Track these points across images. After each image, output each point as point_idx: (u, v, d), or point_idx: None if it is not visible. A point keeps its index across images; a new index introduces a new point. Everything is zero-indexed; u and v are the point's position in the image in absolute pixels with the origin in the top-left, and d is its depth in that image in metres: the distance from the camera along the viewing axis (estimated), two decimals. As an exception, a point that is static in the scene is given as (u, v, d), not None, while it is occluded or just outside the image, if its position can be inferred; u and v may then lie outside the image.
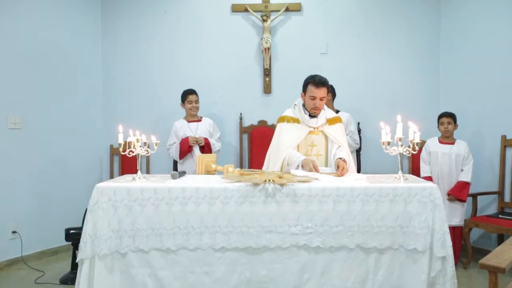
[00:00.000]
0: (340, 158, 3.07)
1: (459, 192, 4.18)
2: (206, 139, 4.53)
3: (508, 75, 4.37)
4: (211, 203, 2.60)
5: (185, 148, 4.47)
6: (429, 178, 4.25)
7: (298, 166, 3.08)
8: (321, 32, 5.17)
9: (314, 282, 2.61)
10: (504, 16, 4.42)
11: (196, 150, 4.49)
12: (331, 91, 4.45)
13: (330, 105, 4.46)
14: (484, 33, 4.62)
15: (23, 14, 4.39)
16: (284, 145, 3.25)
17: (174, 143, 4.57)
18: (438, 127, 4.38)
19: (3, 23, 4.22)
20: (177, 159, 4.55)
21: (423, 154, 4.44)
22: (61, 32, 4.78)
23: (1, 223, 4.21)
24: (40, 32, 4.55)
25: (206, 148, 4.51)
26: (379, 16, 5.13)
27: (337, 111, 4.47)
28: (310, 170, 2.98)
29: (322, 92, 3.19)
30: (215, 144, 4.61)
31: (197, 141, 4.47)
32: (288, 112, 3.39)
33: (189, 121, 4.63)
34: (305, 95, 3.26)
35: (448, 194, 4.19)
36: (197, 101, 4.61)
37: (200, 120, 4.68)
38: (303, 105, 3.33)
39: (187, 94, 4.59)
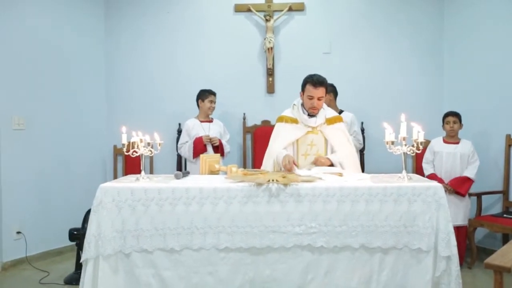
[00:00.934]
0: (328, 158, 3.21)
1: (459, 185, 4.15)
2: (219, 139, 4.53)
3: (512, 74, 4.36)
4: (214, 203, 2.60)
5: (200, 147, 4.45)
6: (433, 175, 4.24)
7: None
8: (324, 31, 5.17)
9: (318, 282, 2.60)
10: (507, 15, 4.41)
11: (210, 150, 4.48)
12: (333, 90, 4.44)
13: (333, 104, 4.45)
14: (487, 33, 4.61)
15: (26, 15, 4.40)
16: (277, 145, 3.27)
17: (187, 142, 4.56)
18: (443, 126, 4.38)
19: (6, 23, 4.24)
20: (190, 159, 4.53)
21: (427, 154, 4.44)
22: (64, 32, 4.79)
23: (6, 224, 4.23)
24: (43, 32, 4.57)
25: (219, 148, 4.51)
26: (382, 16, 5.13)
27: (340, 111, 4.46)
28: (285, 166, 3.00)
29: (320, 91, 3.18)
30: (226, 146, 4.62)
31: (211, 140, 4.47)
32: (287, 112, 3.38)
33: (201, 121, 4.63)
34: (303, 94, 3.26)
35: (446, 185, 4.11)
36: (215, 102, 4.64)
37: (211, 121, 4.69)
38: (302, 105, 3.33)
39: (210, 94, 4.61)
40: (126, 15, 5.24)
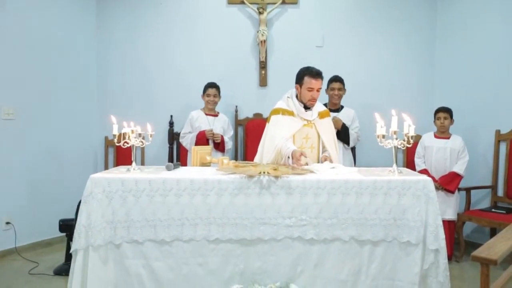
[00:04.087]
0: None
1: (448, 183, 4.20)
2: (222, 136, 4.51)
3: (503, 70, 4.39)
4: (205, 194, 2.60)
5: (202, 142, 4.38)
6: (425, 171, 4.27)
7: (289, 157, 3.04)
8: (317, 25, 5.16)
9: (308, 274, 2.63)
10: (499, 11, 4.43)
11: (211, 144, 4.44)
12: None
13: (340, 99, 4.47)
14: (479, 28, 4.63)
15: (18, 6, 4.35)
16: (280, 137, 3.23)
17: (190, 132, 4.53)
18: (434, 121, 4.41)
19: (-3, 13, 4.19)
20: (191, 150, 4.50)
21: (418, 149, 4.47)
22: (56, 23, 4.74)
23: (-5, 214, 4.21)
24: (35, 23, 4.51)
25: (220, 145, 4.50)
26: (375, 10, 5.13)
27: (341, 107, 4.48)
28: (297, 161, 2.93)
29: (319, 83, 3.20)
30: (228, 143, 4.59)
31: (213, 136, 4.44)
32: (282, 105, 3.35)
33: (206, 114, 4.61)
34: (300, 87, 3.25)
35: (435, 182, 4.11)
36: (215, 95, 4.57)
37: (217, 115, 4.66)
38: (297, 97, 3.32)
39: (207, 87, 4.56)
40: (118, 7, 5.18)
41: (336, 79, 4.41)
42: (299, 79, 3.25)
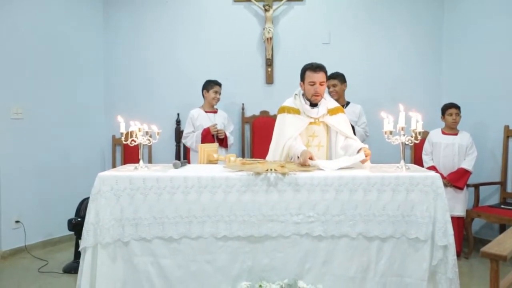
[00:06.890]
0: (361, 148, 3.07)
1: (457, 179, 4.18)
2: (225, 132, 4.53)
3: (511, 65, 4.34)
4: (213, 192, 2.60)
5: (208, 138, 4.42)
6: (432, 168, 4.25)
7: (298, 157, 3.03)
8: (324, 22, 5.15)
9: (316, 271, 2.61)
10: (506, 6, 4.39)
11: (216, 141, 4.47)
12: (343, 79, 4.43)
13: (343, 94, 4.44)
14: (486, 24, 4.59)
15: (25, 5, 4.38)
16: (285, 137, 3.21)
17: (193, 131, 4.54)
18: (443, 118, 4.38)
19: (5, 13, 4.22)
20: (197, 149, 4.51)
21: (426, 146, 4.45)
22: (63, 22, 4.77)
23: (5, 213, 4.24)
24: (42, 22, 4.55)
25: (224, 141, 4.51)
26: (382, 6, 5.12)
27: (347, 103, 4.46)
28: (304, 162, 2.88)
29: (320, 76, 3.17)
30: (230, 138, 4.61)
31: (218, 132, 4.45)
32: (289, 102, 3.33)
33: (206, 111, 4.61)
34: (304, 83, 3.24)
35: (444, 178, 4.10)
36: (220, 93, 4.61)
37: (216, 112, 4.68)
38: (303, 95, 3.31)
39: (215, 84, 4.58)
40: (125, 5, 5.21)
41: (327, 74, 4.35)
42: (302, 75, 3.25)
